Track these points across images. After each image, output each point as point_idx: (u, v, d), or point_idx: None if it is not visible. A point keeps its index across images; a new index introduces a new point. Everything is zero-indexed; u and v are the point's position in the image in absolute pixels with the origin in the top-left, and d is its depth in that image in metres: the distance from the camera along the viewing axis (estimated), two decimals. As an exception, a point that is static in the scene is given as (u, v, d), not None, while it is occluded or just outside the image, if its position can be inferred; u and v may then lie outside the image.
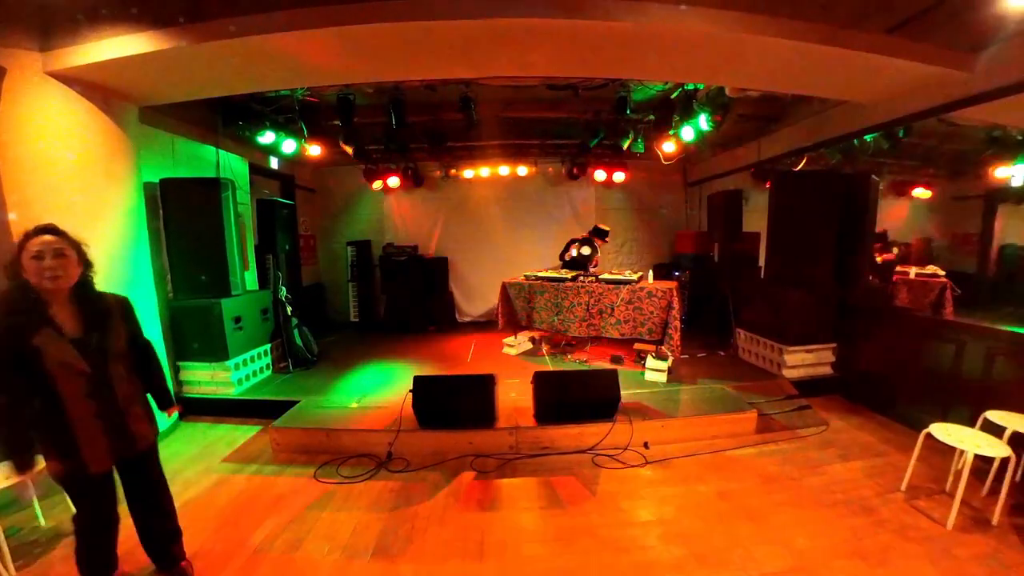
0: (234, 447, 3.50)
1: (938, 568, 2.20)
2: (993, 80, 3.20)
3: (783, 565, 2.22)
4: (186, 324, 4.06)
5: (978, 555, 2.28)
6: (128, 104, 3.51)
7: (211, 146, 4.73)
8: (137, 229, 3.55)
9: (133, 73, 3.06)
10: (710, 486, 2.92)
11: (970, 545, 2.35)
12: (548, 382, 3.51)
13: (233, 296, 4.18)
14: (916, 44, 3.08)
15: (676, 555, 2.29)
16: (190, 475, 3.09)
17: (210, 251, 4.08)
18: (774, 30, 2.81)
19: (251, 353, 4.43)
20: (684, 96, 4.73)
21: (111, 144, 3.33)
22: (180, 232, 4.07)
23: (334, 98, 4.56)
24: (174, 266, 4.12)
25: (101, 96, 3.23)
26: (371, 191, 7.24)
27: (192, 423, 3.94)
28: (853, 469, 3.12)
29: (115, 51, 2.80)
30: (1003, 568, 2.19)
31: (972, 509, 2.61)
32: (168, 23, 2.69)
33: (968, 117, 4.01)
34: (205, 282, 4.08)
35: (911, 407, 3.80)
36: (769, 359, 4.77)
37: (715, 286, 6.14)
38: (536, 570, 2.20)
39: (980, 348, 3.42)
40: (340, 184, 7.42)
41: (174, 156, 4.32)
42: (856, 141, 4.83)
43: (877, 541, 2.39)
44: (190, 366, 4.13)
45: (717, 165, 6.90)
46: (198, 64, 3.03)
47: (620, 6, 2.62)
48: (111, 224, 3.28)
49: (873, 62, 3.13)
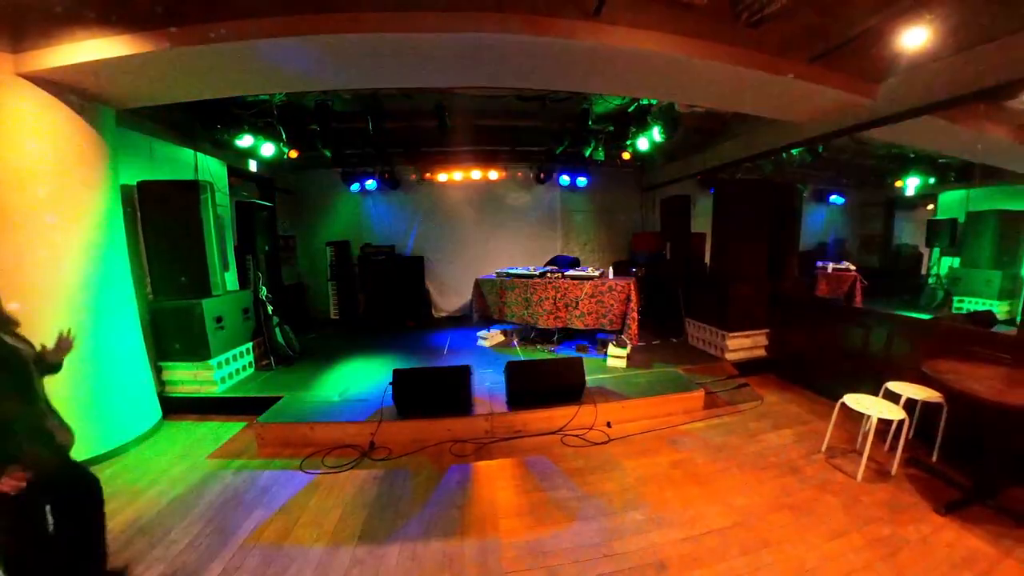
0: (219, 444, 3.35)
1: (849, 514, 2.43)
2: (891, 107, 3.47)
3: (727, 521, 2.37)
4: (167, 325, 3.84)
5: (880, 501, 2.54)
6: (105, 107, 3.27)
7: (189, 149, 4.45)
8: (114, 231, 3.32)
9: (110, 76, 2.85)
10: (665, 457, 3.04)
11: (874, 493, 2.61)
12: (519, 371, 3.53)
13: (214, 296, 3.98)
14: (832, 73, 3.27)
15: (637, 519, 2.39)
16: (176, 473, 2.95)
17: (189, 252, 3.86)
18: (715, 54, 2.92)
19: (233, 352, 4.23)
20: (639, 110, 4.87)
21: (87, 147, 3.10)
22: (158, 234, 3.83)
23: (312, 103, 4.40)
24: (153, 268, 3.87)
25: (76, 99, 3.00)
26: (349, 193, 7.04)
27: (176, 422, 3.73)
28: (784, 436, 3.34)
29: (92, 53, 2.61)
30: (898, 510, 2.46)
31: (876, 463, 2.87)
32: (147, 27, 2.53)
33: (872, 137, 4.31)
34: (185, 283, 3.87)
35: (829, 381, 4.04)
36: (713, 344, 4.97)
37: (667, 281, 6.29)
38: (514, 542, 2.22)
39: (882, 330, 3.71)
40: (319, 186, 7.15)
41: (151, 159, 4.05)
42: (784, 154, 5.08)
43: (803, 495, 2.60)
44: (172, 366, 3.91)
45: (669, 172, 7.07)
46: (177, 68, 2.86)
47: (582, 27, 2.66)
48: (88, 226, 3.06)
49: (797, 87, 3.31)
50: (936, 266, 6.78)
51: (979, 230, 5.89)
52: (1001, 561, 2.08)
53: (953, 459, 2.89)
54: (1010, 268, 5.48)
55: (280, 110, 4.49)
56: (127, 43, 2.56)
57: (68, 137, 2.98)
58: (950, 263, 6.41)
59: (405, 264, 6.93)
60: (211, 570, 2.07)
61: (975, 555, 2.12)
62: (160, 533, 2.33)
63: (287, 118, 4.65)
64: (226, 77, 3.12)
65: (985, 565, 2.06)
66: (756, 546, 2.19)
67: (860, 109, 3.64)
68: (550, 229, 7.59)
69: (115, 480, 2.80)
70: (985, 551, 2.15)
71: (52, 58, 2.65)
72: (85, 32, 2.58)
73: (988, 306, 5.61)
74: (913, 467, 2.87)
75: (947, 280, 6.42)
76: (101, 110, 3.22)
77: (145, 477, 2.89)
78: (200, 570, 2.07)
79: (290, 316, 5.25)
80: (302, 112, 4.68)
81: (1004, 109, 3.61)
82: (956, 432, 2.86)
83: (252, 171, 5.86)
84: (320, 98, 4.37)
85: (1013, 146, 3.92)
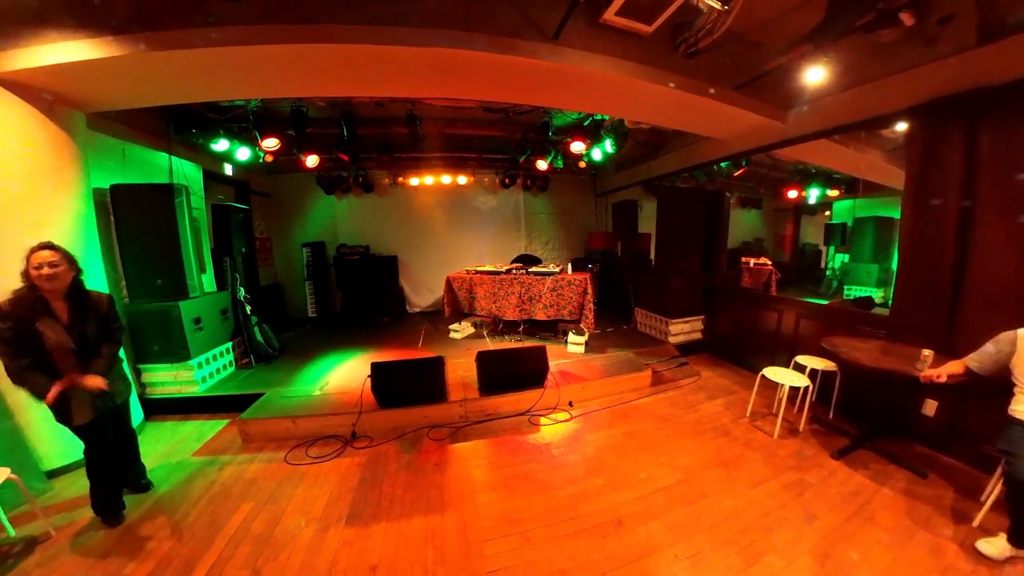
0: (203, 441, 3.14)
1: (768, 464, 2.69)
2: (797, 130, 3.76)
3: (673, 479, 2.55)
4: (145, 327, 3.52)
5: (791, 453, 2.82)
6: (75, 110, 2.94)
7: (163, 152, 4.07)
8: (87, 235, 3.01)
9: (82, 79, 2.58)
10: (619, 429, 3.16)
11: (787, 447, 2.89)
12: (489, 359, 3.51)
13: (192, 298, 3.69)
14: (752, 99, 3.50)
15: (598, 484, 2.50)
16: (161, 472, 2.74)
17: (165, 255, 3.56)
18: (658, 79, 3.03)
19: (213, 352, 3.95)
20: (594, 124, 4.98)
21: (57, 150, 2.79)
22: (133, 237, 3.50)
23: (288, 109, 4.16)
24: (128, 271, 3.53)
25: (46, 101, 2.69)
26: (324, 196, 6.71)
27: (158, 423, 3.46)
28: (716, 405, 3.58)
29: (62, 56, 2.34)
30: (804, 458, 2.75)
31: (788, 422, 3.17)
32: (120, 30, 2.30)
33: (782, 155, 4.65)
34: (162, 286, 3.57)
35: (752, 357, 4.37)
36: (658, 329, 5.19)
37: (619, 275, 6.46)
38: (489, 513, 2.26)
39: (792, 314, 4.04)
40: (294, 190, 6.76)
41: (124, 162, 3.67)
42: (715, 167, 5.36)
43: (732, 453, 2.82)
44: (152, 368, 3.59)
45: (619, 180, 7.24)
46: (150, 73, 2.60)
47: (544, 48, 2.67)
48: (60, 230, 2.76)
49: (724, 110, 3.50)
50: (831, 261, 7.52)
51: (862, 232, 6.61)
52: (878, 491, 2.41)
53: (845, 415, 3.24)
54: (884, 262, 6.21)
55: (256, 115, 4.21)
56: (99, 46, 2.32)
57: (37, 139, 2.67)
58: (842, 259, 7.12)
59: (380, 263, 6.72)
60: (205, 561, 1.97)
61: (860, 488, 2.43)
62: (150, 530, 2.19)
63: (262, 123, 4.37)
64: (199, 82, 2.87)
65: (867, 494, 2.37)
66: (696, 498, 2.37)
67: (773, 131, 3.89)
68: (515, 230, 7.62)
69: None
70: (867, 484, 2.47)
71: (20, 60, 2.36)
72: (56, 34, 2.32)
73: (869, 292, 6.31)
74: (816, 423, 3.19)
75: (840, 272, 7.13)
76: (71, 113, 2.90)
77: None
78: (194, 562, 1.97)
79: (268, 315, 4.98)
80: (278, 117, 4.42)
81: (879, 136, 4.07)
82: (847, 394, 3.20)
83: (228, 174, 5.46)
84: (296, 104, 4.14)
85: (886, 166, 4.43)
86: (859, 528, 2.12)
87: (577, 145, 5.23)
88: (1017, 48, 2.34)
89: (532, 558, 1.95)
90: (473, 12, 2.54)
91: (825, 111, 3.46)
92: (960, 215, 2.62)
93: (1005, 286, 1.97)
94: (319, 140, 5.09)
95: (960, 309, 2.65)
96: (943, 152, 2.69)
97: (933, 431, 2.81)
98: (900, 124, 3.08)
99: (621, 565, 1.91)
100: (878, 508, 2.26)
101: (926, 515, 2.20)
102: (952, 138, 2.64)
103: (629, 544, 2.04)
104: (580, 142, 5.18)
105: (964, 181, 2.60)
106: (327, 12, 2.41)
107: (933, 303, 2.78)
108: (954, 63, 2.60)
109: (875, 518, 2.19)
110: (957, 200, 2.63)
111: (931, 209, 2.76)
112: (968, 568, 1.86)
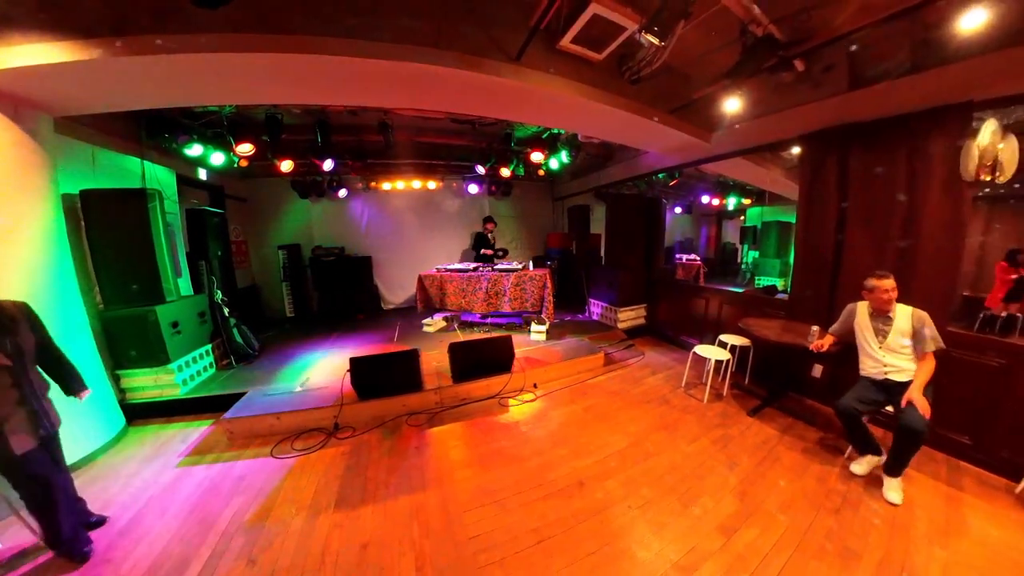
0: (188, 442, 2.91)
1: (700, 425, 2.94)
2: (719, 149, 4.04)
3: (624, 443, 2.71)
4: (121, 333, 3.16)
5: (717, 414, 3.09)
6: (41, 114, 2.57)
7: (135, 157, 3.63)
8: (58, 242, 2.65)
9: (50, 83, 2.27)
10: (578, 405, 3.28)
11: (714, 409, 3.16)
12: (461, 349, 3.46)
13: (168, 302, 3.37)
14: (683, 121, 3.71)
15: (562, 453, 2.59)
16: (148, 475, 2.52)
17: (140, 260, 3.22)
18: (605, 100, 3.13)
19: (193, 354, 3.63)
20: (551, 137, 5.05)
21: (23, 155, 2.44)
22: (105, 243, 3.13)
23: (263, 115, 3.85)
24: (102, 277, 3.16)
25: (11, 104, 2.34)
26: (299, 200, 6.30)
27: (141, 427, 3.14)
28: (658, 379, 3.80)
29: (29, 59, 2.05)
30: (727, 417, 3.03)
31: (715, 389, 3.46)
32: (90, 34, 2.03)
33: (708, 169, 4.99)
34: (137, 291, 3.22)
35: (686, 338, 4.66)
36: (609, 317, 5.38)
37: (574, 271, 6.58)
38: (467, 488, 2.27)
39: (716, 301, 4.37)
40: (269, 194, 6.26)
41: (94, 167, 3.24)
42: (654, 177, 5.61)
43: (671, 417, 3.04)
44: (130, 373, 3.23)
45: (573, 187, 7.34)
46: (121, 77, 2.32)
47: (506, 68, 2.67)
48: (28, 237, 2.42)
49: (661, 129, 3.67)
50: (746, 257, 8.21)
51: (768, 233, 7.31)
52: (782, 439, 2.73)
53: (758, 380, 3.58)
54: (784, 257, 6.89)
55: (230, 121, 3.87)
56: (66, 50, 2.04)
57: (1, 144, 2.32)
58: (753, 255, 7.81)
59: (355, 264, 6.43)
60: (199, 556, 1.85)
61: (768, 438, 2.74)
62: (141, 532, 2.02)
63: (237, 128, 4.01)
64: (173, 88, 2.60)
65: (774, 443, 2.69)
66: (644, 457, 2.55)
67: (701, 148, 4.14)
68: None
69: (86, 489, 2.30)
70: (773, 434, 2.79)
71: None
72: (20, 36, 2.02)
73: (773, 282, 6.99)
74: (736, 389, 3.52)
75: (752, 266, 7.81)
76: (37, 116, 2.53)
77: (117, 483, 2.44)
78: (188, 558, 1.84)
79: (247, 317, 4.63)
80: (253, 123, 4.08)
81: (780, 157, 4.49)
82: (759, 364, 3.55)
83: (202, 179, 4.97)
84: (271, 111, 3.84)
85: (785, 181, 4.89)
86: (769, 468, 2.40)
87: (536, 155, 5.32)
88: (875, 95, 2.73)
89: (508, 522, 2.01)
90: (444, 31, 2.49)
91: (740, 134, 3.77)
92: (837, 222, 3.00)
93: (864, 275, 2.33)
94: (293, 146, 4.77)
95: (838, 292, 3.03)
96: (825, 171, 3.05)
97: (819, 388, 3.22)
98: (795, 148, 3.44)
99: (585, 519, 2.03)
100: (782, 451, 2.57)
101: (814, 452, 2.56)
102: (831, 161, 3.00)
103: (590, 501, 2.15)
104: (539, 152, 5.27)
105: (839, 195, 2.97)
106: (303, 24, 2.26)
107: (819, 289, 3.16)
108: (834, 103, 2.97)
109: (780, 459, 2.49)
110: (835, 209, 3.00)
111: (817, 216, 3.13)
112: (843, 488, 2.22)
